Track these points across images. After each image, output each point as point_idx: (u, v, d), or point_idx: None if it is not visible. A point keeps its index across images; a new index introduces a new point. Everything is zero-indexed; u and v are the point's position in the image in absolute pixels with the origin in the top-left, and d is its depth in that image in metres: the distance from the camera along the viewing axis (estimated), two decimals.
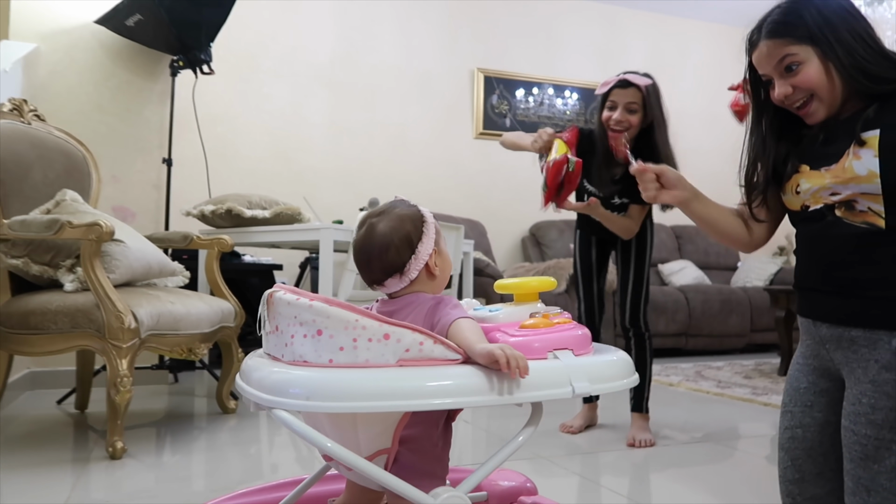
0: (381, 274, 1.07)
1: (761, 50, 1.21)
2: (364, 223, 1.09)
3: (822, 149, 1.22)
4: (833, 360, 1.22)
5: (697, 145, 5.88)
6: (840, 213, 1.17)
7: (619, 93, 2.24)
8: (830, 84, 1.16)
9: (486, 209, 5.07)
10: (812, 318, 1.25)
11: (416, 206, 1.13)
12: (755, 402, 2.90)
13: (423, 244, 1.07)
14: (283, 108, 4.71)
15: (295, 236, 2.86)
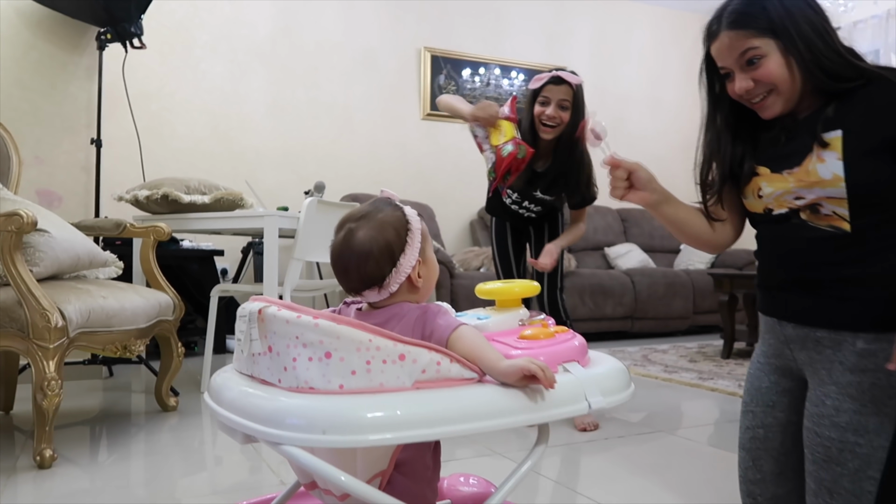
0: (359, 285, 0.99)
1: (722, 41, 1.16)
2: (342, 227, 0.99)
3: (781, 150, 1.20)
4: (796, 360, 1.22)
5: (642, 129, 5.94)
6: (805, 216, 1.15)
7: (553, 89, 2.25)
8: (791, 79, 1.13)
9: (433, 192, 4.99)
10: (776, 317, 1.24)
11: (402, 208, 1.02)
12: (702, 388, 2.95)
13: (406, 256, 0.98)
14: (222, 86, 4.49)
15: (237, 223, 2.72)
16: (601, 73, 5.77)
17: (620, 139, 5.79)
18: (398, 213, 1.00)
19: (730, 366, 3.48)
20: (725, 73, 1.20)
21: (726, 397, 2.79)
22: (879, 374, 1.09)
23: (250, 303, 0.90)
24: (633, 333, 4.74)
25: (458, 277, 3.86)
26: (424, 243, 1.02)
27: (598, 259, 5.25)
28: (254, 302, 0.89)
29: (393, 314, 0.98)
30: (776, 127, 1.22)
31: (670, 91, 6.11)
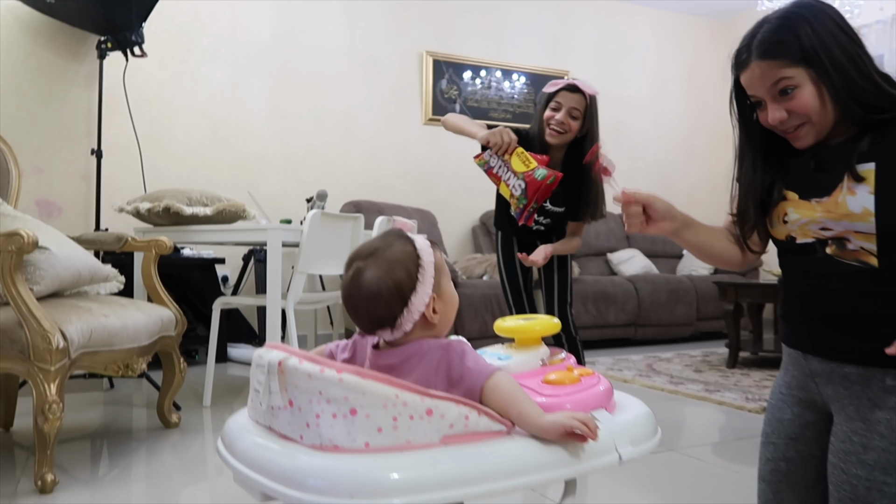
0: (370, 326, 0.95)
1: (753, 71, 1.12)
2: (351, 265, 0.95)
3: (812, 177, 1.17)
4: (822, 395, 1.19)
5: (644, 134, 5.92)
6: (831, 250, 1.12)
7: (567, 96, 2.22)
8: (823, 109, 1.10)
9: (435, 198, 4.96)
10: (802, 350, 1.21)
11: (413, 241, 0.97)
12: (709, 400, 2.92)
13: (418, 294, 0.93)
14: (222, 91, 4.45)
15: (240, 237, 2.69)
16: (603, 78, 5.73)
17: (622, 143, 5.77)
18: (408, 248, 0.95)
19: (735, 376, 3.46)
20: (756, 101, 1.16)
21: (734, 411, 2.76)
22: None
23: (268, 351, 0.86)
24: (636, 340, 4.71)
25: (461, 286, 3.83)
26: (439, 276, 0.97)
27: (601, 265, 5.22)
28: (272, 351, 0.85)
29: (411, 353, 0.94)
30: (806, 153, 1.19)
31: (672, 95, 6.09)
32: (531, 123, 2.33)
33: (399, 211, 4.41)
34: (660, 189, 5.94)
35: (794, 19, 1.10)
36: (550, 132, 2.22)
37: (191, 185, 4.14)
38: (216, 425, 2.54)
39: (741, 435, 2.44)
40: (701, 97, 6.17)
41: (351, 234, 2.89)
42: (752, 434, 2.42)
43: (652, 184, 5.91)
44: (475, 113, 5.18)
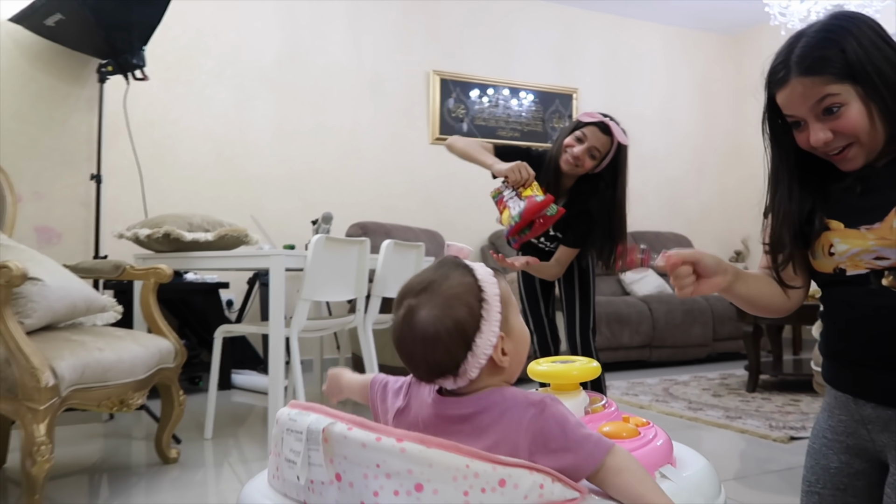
0: (429, 374, 0.82)
1: (794, 89, 1.02)
2: (401, 303, 0.81)
3: (858, 202, 1.07)
4: (874, 442, 1.07)
5: (654, 149, 5.83)
6: (887, 281, 1.01)
7: (594, 132, 2.13)
8: (872, 128, 0.99)
9: (443, 218, 4.87)
10: (852, 394, 1.10)
11: (473, 270, 0.82)
12: (731, 428, 2.79)
13: (483, 334, 0.79)
14: (227, 112, 4.40)
15: (242, 263, 2.61)
16: (612, 94, 5.66)
17: (633, 160, 5.62)
18: (468, 280, 0.81)
19: (756, 401, 3.33)
20: (794, 121, 1.06)
21: (757, 440, 2.64)
22: None
23: (304, 414, 0.74)
24: (651, 363, 4.59)
25: None
26: (507, 310, 0.83)
27: (613, 285, 5.11)
28: (310, 414, 0.73)
29: (490, 404, 0.79)
30: (850, 176, 1.09)
31: (682, 111, 6.00)
32: (553, 143, 2.25)
33: (406, 232, 4.32)
34: (671, 206, 5.85)
35: (837, 32, 1.01)
36: (566, 159, 2.15)
37: (195, 208, 4.08)
38: (217, 459, 2.44)
39: (766, 467, 2.32)
40: (711, 112, 6.08)
41: (357, 258, 2.80)
42: (778, 466, 2.30)
43: (663, 200, 5.82)
44: (483, 132, 5.11)
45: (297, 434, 0.73)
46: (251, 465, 2.36)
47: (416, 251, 3.22)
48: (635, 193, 5.88)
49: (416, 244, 3.22)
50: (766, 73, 1.09)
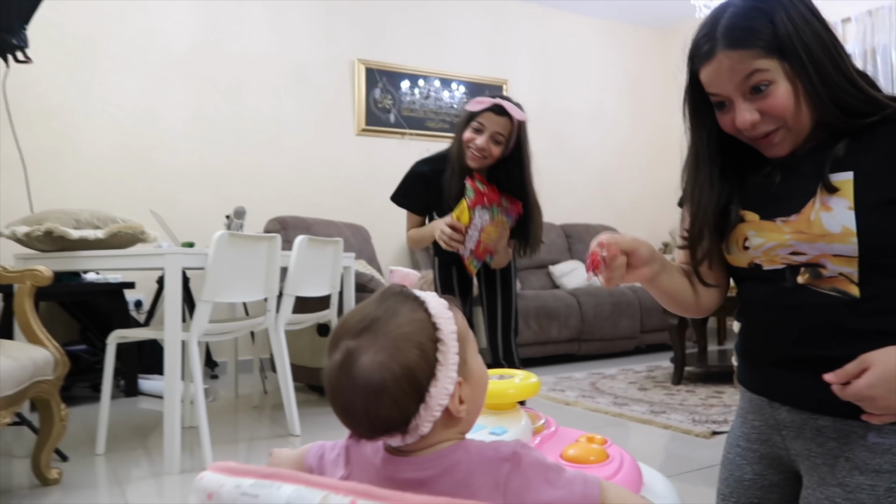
0: (371, 431, 0.67)
1: (720, 64, 0.91)
2: (337, 345, 0.66)
3: (775, 192, 0.97)
4: (789, 450, 0.99)
5: (584, 142, 5.82)
6: (803, 279, 0.92)
7: (491, 118, 2.00)
8: (798, 111, 0.90)
9: (370, 212, 4.72)
10: (767, 397, 1.01)
11: (424, 302, 0.68)
12: (655, 424, 2.76)
13: (439, 381, 0.65)
14: (135, 101, 4.12)
15: (134, 262, 2.39)
16: (543, 86, 5.61)
17: (564, 153, 5.65)
18: (419, 316, 0.66)
19: (681, 394, 3.32)
20: (718, 101, 0.96)
21: (680, 436, 2.60)
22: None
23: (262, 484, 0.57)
24: (579, 356, 4.56)
25: None
26: (465, 350, 0.69)
27: (543, 278, 5.06)
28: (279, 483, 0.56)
29: (447, 466, 0.66)
30: (768, 164, 0.99)
31: (613, 104, 6.01)
32: (451, 143, 2.12)
33: (329, 227, 4.15)
34: (601, 198, 5.85)
35: (767, 1, 0.90)
36: (471, 156, 2.02)
37: (99, 203, 3.81)
38: (106, 479, 2.23)
39: (688, 464, 2.28)
40: (641, 106, 6.11)
41: (267, 256, 2.63)
42: (699, 464, 2.26)
43: (594, 194, 5.82)
44: (411, 123, 4.97)
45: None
46: (142, 484, 2.17)
47: (333, 247, 3.06)
48: (565, 185, 5.88)
49: (333, 239, 3.06)
50: (688, 47, 0.98)
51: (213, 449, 2.46)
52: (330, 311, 3.16)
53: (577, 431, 1.02)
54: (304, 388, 3.79)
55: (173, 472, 2.23)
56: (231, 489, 0.58)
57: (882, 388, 0.80)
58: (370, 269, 4.05)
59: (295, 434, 2.70)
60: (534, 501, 0.63)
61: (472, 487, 0.64)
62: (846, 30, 4.82)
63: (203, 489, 0.60)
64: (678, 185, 1.11)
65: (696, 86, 0.98)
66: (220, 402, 3.46)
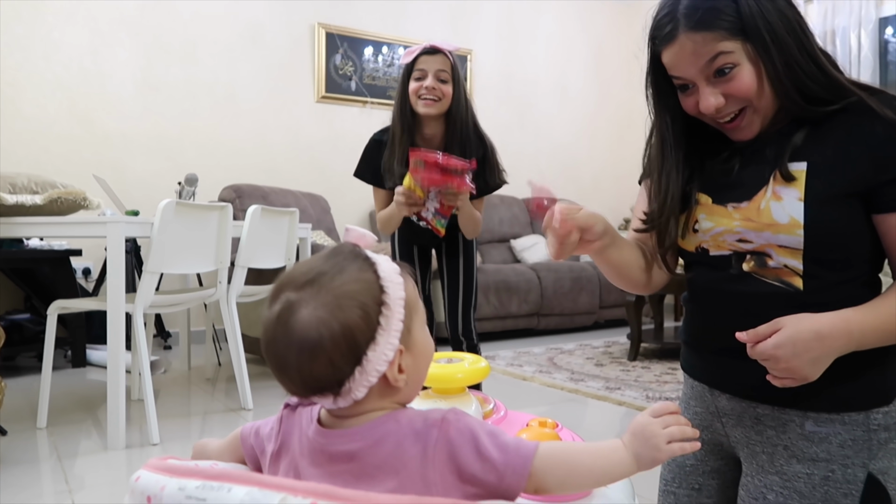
0: (303, 389, 0.64)
1: (682, 46, 0.87)
2: (277, 296, 0.63)
3: (731, 177, 0.94)
4: (729, 438, 0.99)
5: (548, 116, 5.78)
6: (748, 266, 0.91)
7: (427, 60, 1.94)
8: (761, 92, 0.87)
9: (329, 182, 4.61)
10: (707, 384, 1.00)
11: (374, 263, 0.65)
12: (609, 400, 2.78)
13: (379, 346, 0.62)
14: (80, 60, 3.92)
15: (74, 230, 2.28)
16: (507, 57, 5.54)
17: (527, 125, 5.60)
18: (367, 276, 0.63)
19: (637, 370, 3.35)
20: (681, 84, 0.92)
21: (634, 412, 2.62)
22: (833, 466, 0.87)
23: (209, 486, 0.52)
24: (538, 331, 4.58)
25: None
26: (411, 319, 0.66)
27: (504, 252, 5.05)
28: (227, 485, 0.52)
29: (377, 438, 0.62)
30: (728, 149, 0.96)
31: (577, 78, 5.96)
32: (393, 111, 2.02)
33: (286, 196, 4.04)
34: (564, 172, 5.83)
35: None
36: (425, 102, 1.93)
37: (43, 166, 3.64)
38: (46, 453, 2.15)
39: None
40: (605, 80, 6.08)
41: (217, 227, 2.53)
42: None
43: (557, 167, 5.80)
44: (372, 91, 4.86)
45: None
46: (84, 459, 2.09)
47: (288, 218, 2.97)
48: (527, 159, 5.84)
49: (288, 210, 2.97)
50: (648, 26, 0.94)
51: (163, 423, 2.39)
52: None
53: (527, 415, 1.00)
54: (260, 360, 3.72)
55: (118, 448, 2.16)
56: (174, 492, 0.53)
57: (787, 350, 0.80)
58: (329, 240, 3.97)
59: (247, 408, 2.64)
60: (462, 468, 0.61)
61: (403, 458, 0.61)
62: (808, 10, 4.86)
63: (141, 491, 0.55)
64: (641, 163, 1.07)
65: (659, 67, 0.94)
66: (172, 374, 3.37)
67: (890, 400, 0.89)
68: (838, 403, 0.87)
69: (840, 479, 0.86)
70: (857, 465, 0.86)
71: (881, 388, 0.88)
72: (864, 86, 0.88)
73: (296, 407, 0.70)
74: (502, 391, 2.96)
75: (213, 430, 2.45)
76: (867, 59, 4.55)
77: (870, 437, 0.87)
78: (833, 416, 0.88)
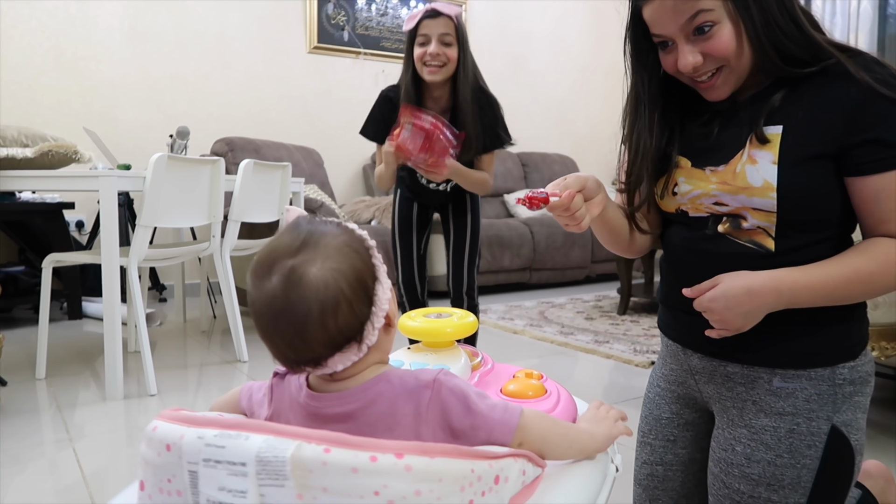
0: (327, 349, 0.63)
1: (663, 4, 0.88)
2: (271, 269, 0.62)
3: (709, 140, 0.96)
4: (702, 393, 1.03)
5: (543, 68, 5.71)
6: (723, 227, 0.93)
7: (430, 24, 1.92)
8: (740, 51, 0.88)
9: (321, 134, 4.58)
10: (681, 343, 1.04)
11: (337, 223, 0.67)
12: (597, 353, 2.84)
13: (382, 283, 0.66)
14: (66, 6, 3.84)
15: (65, 184, 2.28)
16: (502, 8, 5.43)
17: (521, 79, 5.54)
18: (344, 228, 0.67)
19: (626, 324, 3.42)
20: (661, 41, 0.92)
21: (621, 365, 2.69)
22: (798, 419, 0.91)
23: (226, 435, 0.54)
24: (531, 285, 4.63)
25: None
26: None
27: (498, 207, 5.06)
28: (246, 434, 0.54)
29: (372, 398, 0.65)
30: (707, 111, 0.97)
31: (573, 30, 5.87)
32: (401, 75, 2.00)
33: (279, 149, 4.03)
34: (558, 126, 5.80)
35: None
36: (430, 70, 1.92)
37: (31, 117, 3.61)
38: (46, 403, 2.20)
39: (626, 393, 2.37)
40: (602, 33, 5.98)
41: (210, 181, 2.54)
42: (637, 393, 2.35)
43: (551, 122, 5.76)
44: (365, 42, 4.78)
45: (232, 467, 0.53)
46: (83, 409, 2.14)
47: (280, 171, 2.97)
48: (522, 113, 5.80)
49: (281, 164, 2.97)
50: None
51: (159, 375, 2.44)
52: None
53: (514, 367, 1.03)
54: None
55: (116, 398, 2.21)
56: (193, 440, 0.55)
57: (720, 304, 0.85)
58: (322, 193, 3.97)
59: (242, 360, 2.70)
60: (453, 425, 0.65)
61: (396, 416, 0.64)
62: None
63: (159, 440, 0.58)
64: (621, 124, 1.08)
65: (639, 24, 0.95)
66: (168, 327, 3.42)
67: (856, 355, 0.92)
68: (805, 360, 0.91)
69: (805, 432, 0.90)
70: (821, 419, 0.90)
71: (847, 344, 0.92)
72: (844, 47, 0.88)
73: (284, 375, 0.72)
74: (493, 344, 3.02)
75: (210, 382, 2.51)
76: (866, 13, 4.49)
77: (835, 392, 0.91)
78: (800, 371, 0.91)
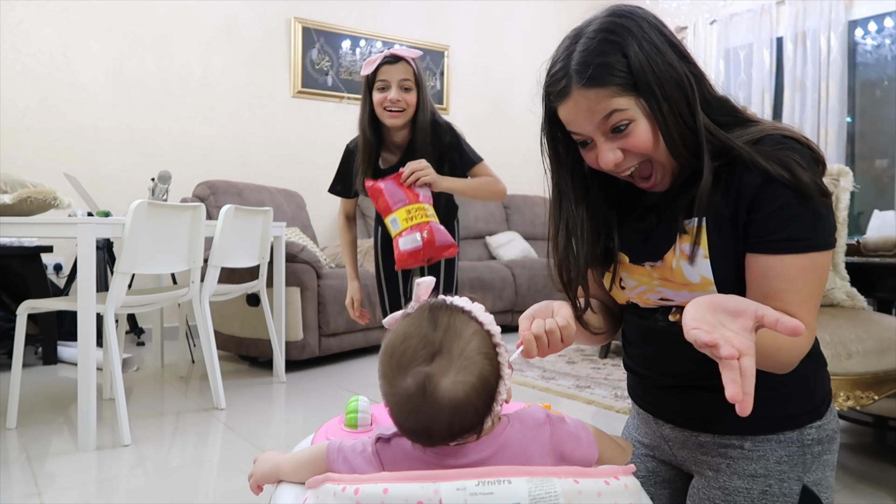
0: (448, 439, 0.72)
1: (576, 103, 0.86)
2: (407, 371, 0.70)
3: (646, 236, 0.94)
4: (676, 457, 1.04)
5: (526, 112, 5.80)
6: (674, 318, 0.93)
7: (390, 70, 1.92)
8: (657, 146, 0.87)
9: (304, 177, 4.61)
10: (651, 413, 1.05)
11: (469, 311, 0.74)
12: (579, 399, 2.84)
13: (504, 380, 0.73)
14: (51, 51, 3.87)
15: (44, 231, 2.27)
16: (484, 54, 5.56)
17: (503, 124, 5.64)
18: (474, 327, 0.73)
19: (607, 368, 3.42)
20: (581, 140, 0.91)
21: (602, 411, 2.69)
22: (770, 481, 0.92)
23: (504, 479, 0.67)
24: (514, 328, 4.61)
25: (326, 278, 3.54)
26: None
27: (480, 248, 5.09)
28: (503, 480, 0.67)
29: (504, 442, 0.74)
30: (642, 204, 0.96)
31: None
32: (359, 118, 1.99)
33: (261, 192, 4.04)
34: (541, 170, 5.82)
35: (618, 32, 0.85)
36: (392, 115, 1.92)
37: (14, 161, 3.60)
38: (15, 455, 2.14)
39: None
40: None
41: (190, 226, 2.53)
42: None
43: (533, 165, 5.82)
44: (349, 86, 4.85)
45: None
46: (54, 461, 2.09)
47: (262, 217, 2.98)
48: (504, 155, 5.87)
49: (262, 209, 2.98)
50: (542, 80, 0.92)
51: (134, 423, 2.39)
52: (259, 282, 3.09)
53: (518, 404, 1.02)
54: (234, 357, 3.73)
55: (88, 449, 2.16)
56: (452, 492, 0.64)
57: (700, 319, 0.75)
58: (304, 237, 3.98)
59: (220, 407, 2.66)
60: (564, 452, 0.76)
61: (527, 454, 0.74)
62: (780, 12, 4.93)
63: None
64: None
65: (555, 122, 0.92)
66: (145, 372, 3.36)
67: (822, 415, 0.94)
68: (774, 425, 0.92)
69: (777, 493, 0.91)
70: (792, 479, 0.91)
71: (812, 406, 0.93)
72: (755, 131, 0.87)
73: (389, 440, 0.77)
74: None
75: (186, 430, 2.46)
76: (836, 62, 4.64)
77: (804, 452, 0.92)
78: (770, 436, 0.93)
